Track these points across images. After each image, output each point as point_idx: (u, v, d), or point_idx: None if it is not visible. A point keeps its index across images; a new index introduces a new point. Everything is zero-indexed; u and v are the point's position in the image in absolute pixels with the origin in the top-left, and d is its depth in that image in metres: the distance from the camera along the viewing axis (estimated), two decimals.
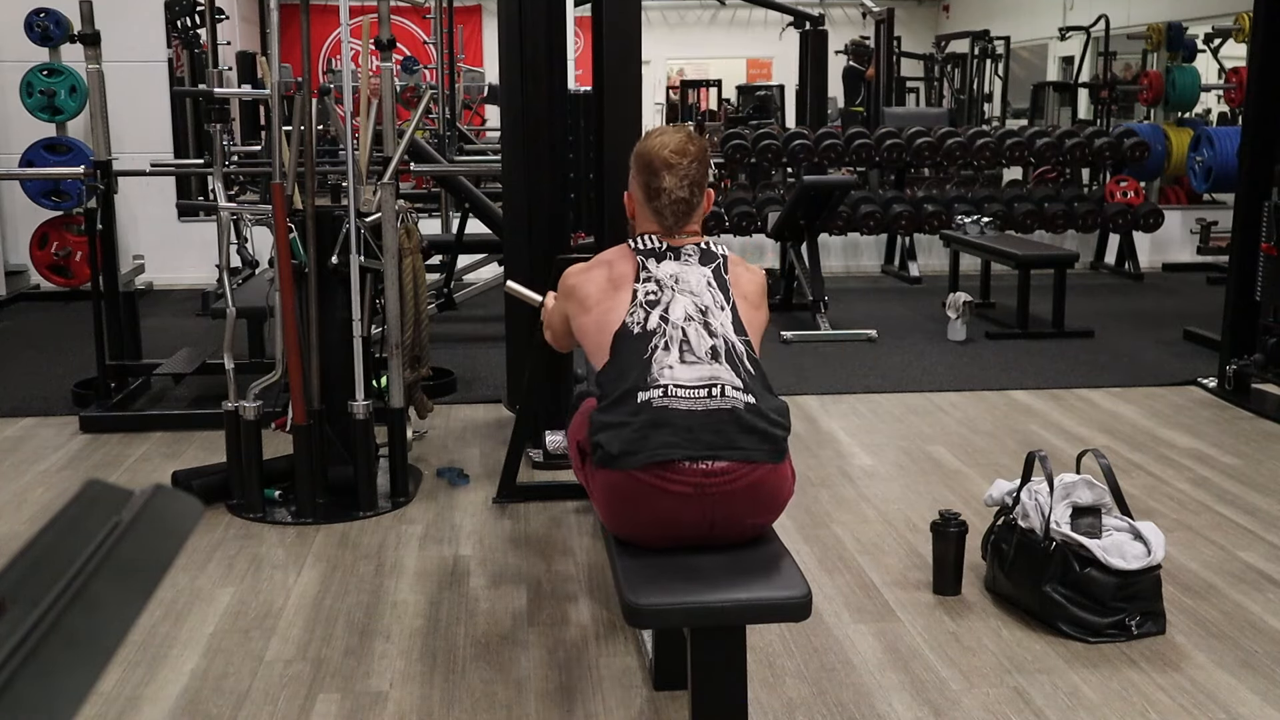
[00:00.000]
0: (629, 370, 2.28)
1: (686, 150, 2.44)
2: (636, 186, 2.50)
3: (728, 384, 2.26)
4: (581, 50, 10.79)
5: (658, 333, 2.30)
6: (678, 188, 2.42)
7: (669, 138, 2.47)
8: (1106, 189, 8.85)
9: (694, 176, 2.44)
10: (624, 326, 2.33)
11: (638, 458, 2.21)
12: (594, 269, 2.49)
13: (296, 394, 3.67)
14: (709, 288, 2.38)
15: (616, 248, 2.54)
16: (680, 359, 2.27)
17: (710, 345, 2.29)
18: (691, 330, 2.30)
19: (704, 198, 2.50)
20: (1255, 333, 5.15)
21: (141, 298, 6.27)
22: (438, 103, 8.14)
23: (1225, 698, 2.61)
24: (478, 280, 7.13)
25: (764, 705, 2.57)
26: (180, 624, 2.97)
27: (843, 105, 12.60)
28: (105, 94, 4.87)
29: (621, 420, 2.24)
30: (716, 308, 2.36)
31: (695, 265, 2.41)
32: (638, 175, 2.48)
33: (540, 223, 4.09)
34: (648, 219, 2.49)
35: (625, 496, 2.24)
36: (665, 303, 2.34)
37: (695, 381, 2.25)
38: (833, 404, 5.10)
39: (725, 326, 2.33)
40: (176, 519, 0.70)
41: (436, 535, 3.60)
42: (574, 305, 2.49)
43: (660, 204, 2.44)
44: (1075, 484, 2.99)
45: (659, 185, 2.42)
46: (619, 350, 2.32)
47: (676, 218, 2.45)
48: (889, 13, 10.60)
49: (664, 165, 2.42)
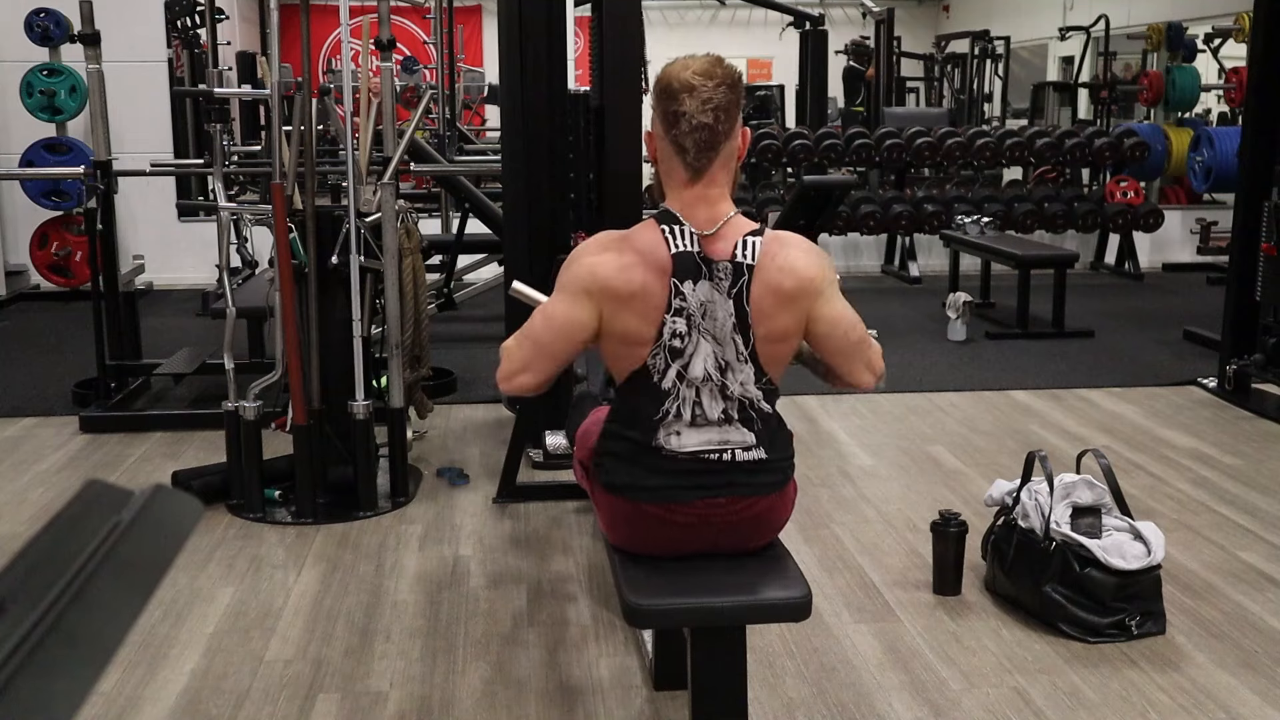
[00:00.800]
0: (638, 418, 2.17)
1: (713, 73, 2.09)
2: (657, 118, 2.17)
3: (737, 448, 2.16)
4: (581, 50, 10.78)
5: (672, 395, 2.14)
6: (700, 111, 2.07)
7: (693, 60, 2.13)
8: (1106, 189, 8.85)
9: (720, 101, 2.08)
10: (645, 368, 2.15)
11: (641, 494, 2.18)
12: (623, 255, 2.12)
13: (296, 394, 3.67)
14: (733, 335, 2.12)
15: (644, 233, 2.15)
16: (691, 421, 2.15)
17: (723, 409, 2.15)
18: (705, 393, 2.14)
19: (735, 131, 2.15)
20: (1255, 333, 5.15)
21: (141, 298, 6.27)
22: (438, 103, 8.14)
23: (1225, 698, 2.61)
24: (478, 280, 7.13)
25: (764, 705, 2.57)
26: (180, 624, 2.97)
27: (843, 105, 12.61)
28: (105, 94, 4.87)
29: (628, 456, 2.19)
30: (737, 361, 2.14)
31: (724, 292, 2.11)
32: (657, 104, 2.15)
33: (540, 223, 4.09)
34: (669, 156, 2.15)
35: (628, 521, 2.22)
36: (688, 355, 2.12)
37: (703, 447, 2.15)
38: (833, 404, 5.10)
39: (745, 385, 2.15)
40: (176, 519, 0.70)
41: (436, 535, 3.59)
42: (607, 302, 2.11)
43: (680, 132, 2.10)
44: (1075, 484, 2.99)
45: (678, 109, 2.09)
46: (635, 389, 2.17)
47: (699, 149, 2.10)
48: (889, 13, 10.59)
49: (684, 88, 2.08)
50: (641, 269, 2.10)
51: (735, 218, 2.17)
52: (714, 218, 2.15)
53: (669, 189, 2.20)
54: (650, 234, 2.14)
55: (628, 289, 2.10)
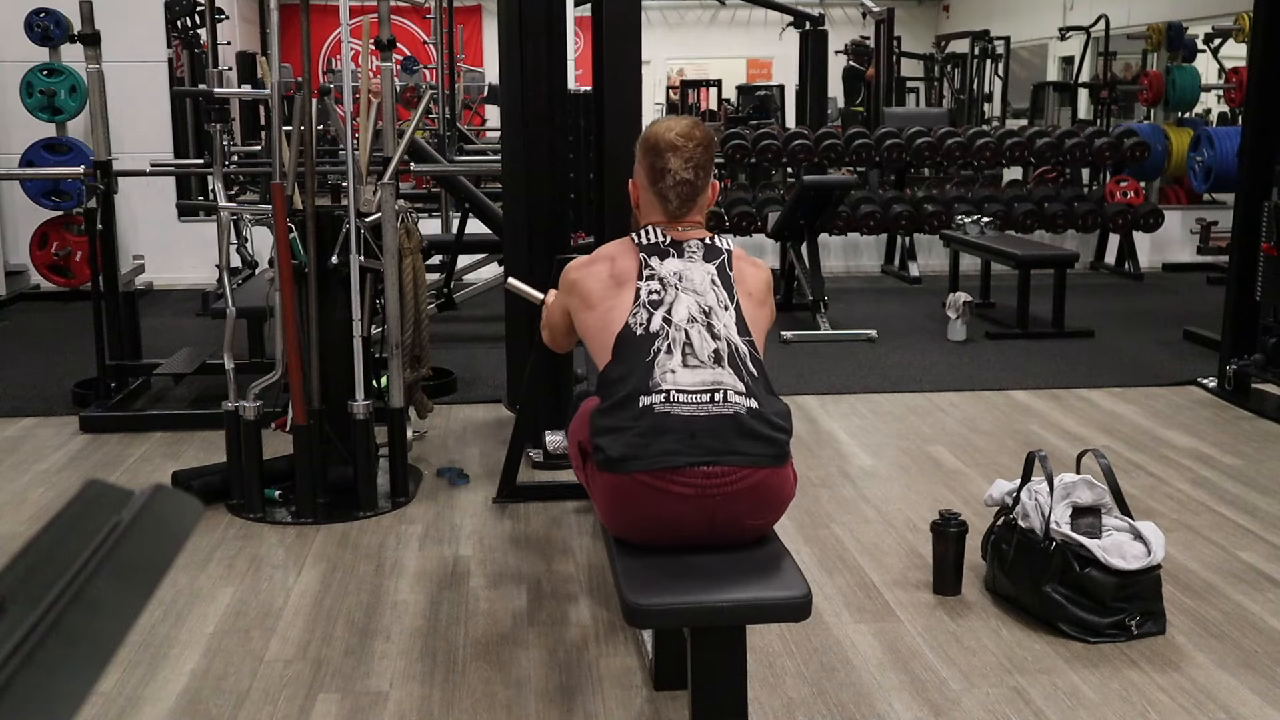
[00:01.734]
0: (631, 373, 2.26)
1: (693, 135, 2.43)
2: (641, 171, 2.48)
3: (730, 389, 2.24)
4: (581, 50, 10.78)
5: (660, 335, 2.28)
6: (683, 169, 2.40)
7: (675, 122, 2.47)
8: (1106, 189, 8.85)
9: (699, 160, 2.42)
10: (626, 328, 2.31)
11: (639, 462, 2.20)
12: (596, 264, 2.46)
13: (296, 394, 3.67)
14: (713, 286, 2.36)
15: (618, 241, 2.52)
16: (683, 362, 2.25)
17: (713, 349, 2.27)
18: (694, 332, 2.28)
19: (709, 186, 2.47)
20: (1255, 333, 5.15)
21: (141, 298, 6.27)
22: (438, 103, 8.14)
23: (1225, 698, 2.61)
24: (478, 280, 7.13)
25: (764, 705, 2.57)
26: (180, 624, 2.97)
27: (843, 105, 12.61)
28: (105, 94, 4.87)
29: (623, 424, 2.23)
30: (720, 308, 2.33)
31: (699, 262, 2.39)
32: (643, 159, 2.46)
33: (540, 223, 4.09)
34: (651, 205, 2.47)
35: (626, 498, 2.24)
36: (669, 303, 2.32)
37: (697, 386, 2.23)
38: (833, 404, 5.10)
39: (729, 328, 2.31)
40: (176, 519, 0.70)
41: (436, 535, 3.60)
42: (576, 301, 2.46)
43: (664, 185, 2.42)
44: (1075, 484, 2.99)
45: (664, 166, 2.41)
46: (621, 352, 2.31)
47: (681, 201, 2.43)
48: (889, 13, 10.60)
49: (669, 147, 2.41)
50: (608, 261, 2.45)
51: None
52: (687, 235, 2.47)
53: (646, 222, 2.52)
54: (622, 241, 2.50)
55: (594, 274, 2.44)
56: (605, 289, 2.40)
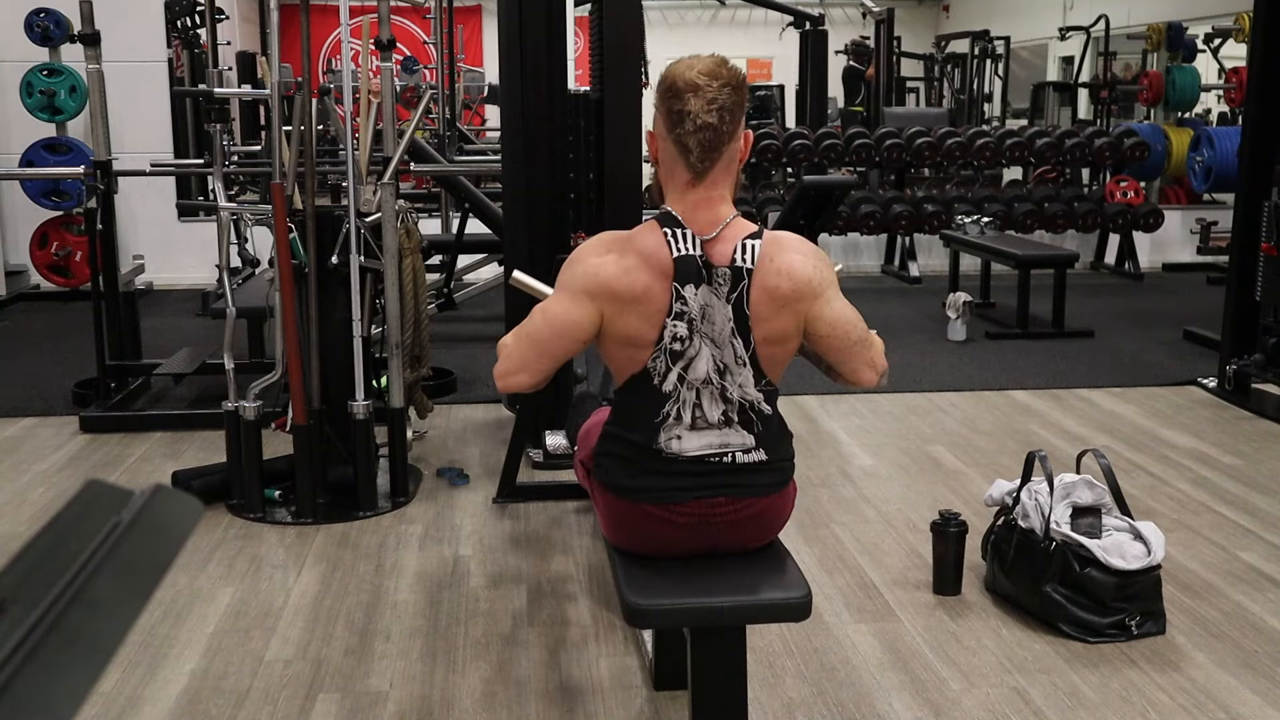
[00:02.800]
0: (639, 420, 2.17)
1: (718, 74, 2.08)
2: (659, 118, 2.15)
3: (738, 450, 2.16)
4: (581, 50, 10.78)
5: (672, 398, 2.14)
6: (704, 111, 2.06)
7: (698, 60, 2.11)
8: (1106, 189, 8.85)
9: (724, 102, 2.07)
10: (645, 372, 2.14)
11: (641, 495, 2.18)
12: (631, 272, 2.10)
13: (296, 394, 3.67)
14: (732, 338, 2.12)
15: (649, 234, 2.14)
16: (691, 425, 2.15)
17: (722, 411, 2.15)
18: (706, 395, 2.14)
19: (738, 134, 2.13)
20: (1255, 333, 5.15)
21: (141, 298, 6.27)
22: (438, 103, 8.14)
23: (1225, 698, 2.61)
24: (478, 280, 7.13)
25: (764, 705, 2.57)
26: (180, 624, 2.97)
27: (843, 105, 12.60)
28: (105, 94, 4.87)
29: (630, 457, 2.19)
30: (736, 364, 2.14)
31: (722, 300, 2.11)
32: (661, 103, 2.13)
33: (540, 223, 4.09)
34: (671, 157, 2.14)
35: (628, 521, 2.22)
36: (689, 358, 2.12)
37: (703, 450, 2.16)
38: (833, 404, 5.10)
39: (744, 388, 2.15)
40: (176, 519, 0.70)
41: (436, 535, 3.60)
42: (612, 306, 2.11)
43: (683, 131, 2.08)
44: (1075, 484, 2.99)
45: (683, 109, 2.07)
46: (636, 392, 2.17)
47: (703, 149, 2.09)
48: (889, 13, 10.60)
49: (690, 87, 2.07)
50: (645, 271, 2.10)
51: (736, 220, 2.16)
52: (715, 220, 2.14)
53: (670, 190, 2.18)
54: (652, 236, 2.12)
55: (630, 292, 2.09)
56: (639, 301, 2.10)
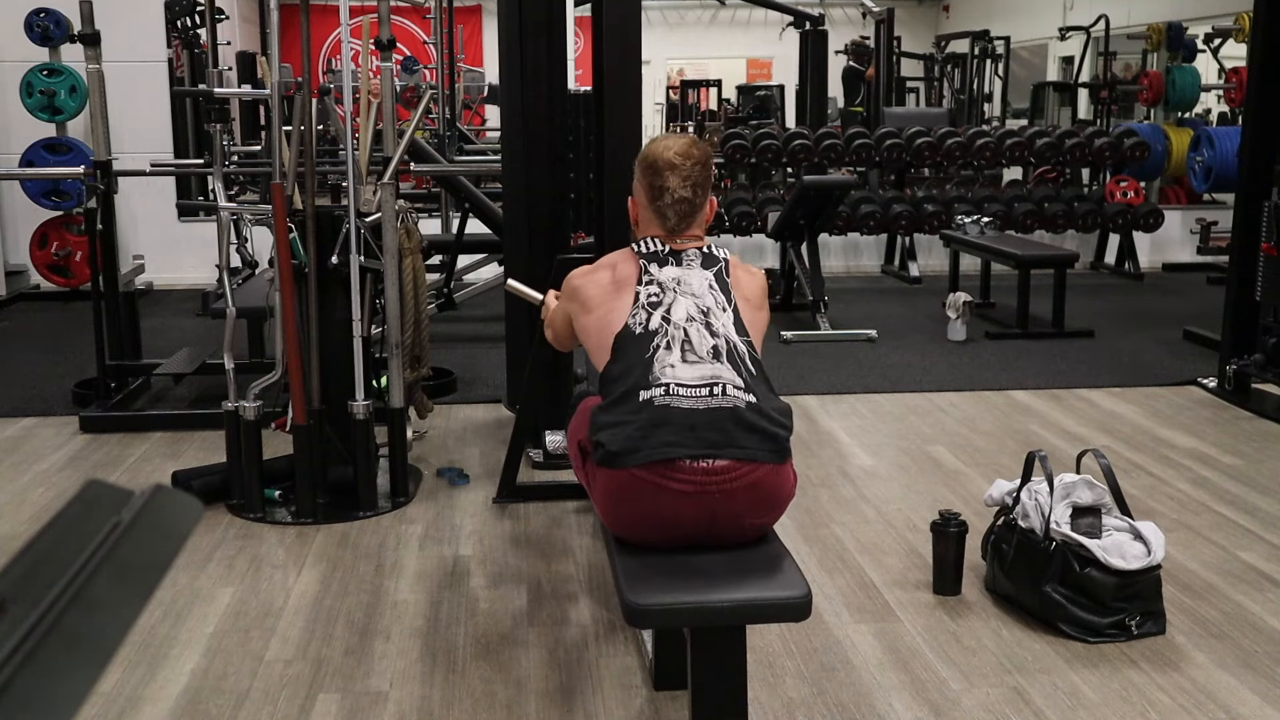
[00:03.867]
0: (631, 369, 2.29)
1: (690, 153, 2.48)
2: (640, 189, 2.53)
3: (729, 383, 2.27)
4: (581, 50, 10.78)
5: (659, 332, 2.32)
6: (681, 187, 2.45)
7: (673, 140, 2.53)
8: (1106, 189, 8.85)
9: (697, 178, 2.47)
10: (626, 328, 2.35)
11: (639, 455, 2.21)
12: (597, 271, 2.52)
13: (296, 394, 3.67)
14: (711, 290, 2.40)
15: (619, 251, 2.57)
16: (682, 358, 2.29)
17: (712, 345, 2.31)
18: (693, 330, 2.32)
19: (707, 202, 2.52)
20: (1255, 333, 5.15)
21: (141, 298, 6.26)
22: (438, 103, 8.14)
23: (1225, 698, 2.61)
24: (478, 280, 7.13)
25: (764, 705, 2.57)
26: (180, 624, 2.97)
27: (843, 105, 12.60)
28: (105, 94, 4.87)
29: (623, 419, 2.25)
30: (718, 309, 2.38)
31: (697, 268, 2.43)
32: (642, 177, 2.52)
33: (540, 223, 4.09)
34: (650, 222, 2.51)
35: (626, 495, 2.25)
36: (667, 304, 2.37)
37: (697, 380, 2.26)
38: (833, 404, 5.10)
39: (727, 327, 2.35)
40: (176, 519, 0.70)
41: (436, 535, 3.60)
42: (576, 306, 2.51)
43: (663, 203, 2.46)
44: (1075, 484, 2.99)
45: (662, 185, 2.46)
46: (621, 350, 2.34)
47: (680, 218, 2.47)
48: (889, 13, 10.59)
49: (668, 166, 2.46)
50: (607, 268, 2.51)
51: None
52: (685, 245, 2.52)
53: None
54: (623, 251, 2.56)
55: (594, 281, 2.49)
56: (605, 293, 2.45)
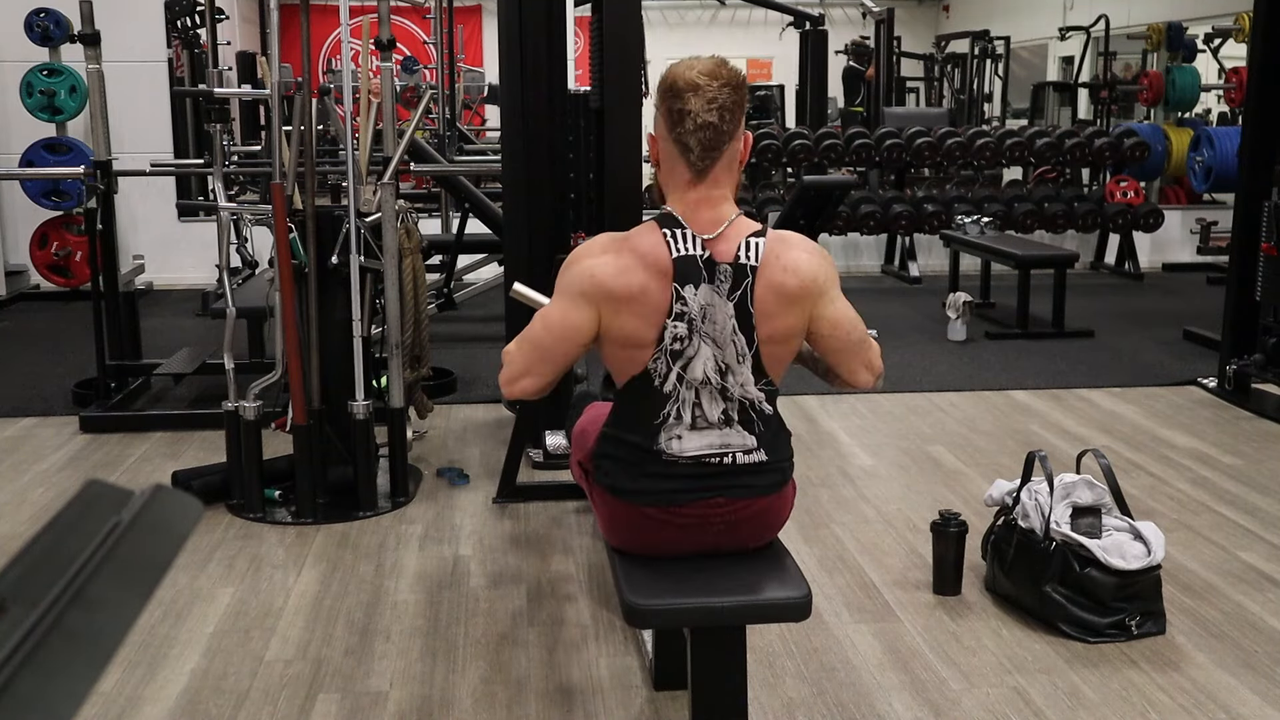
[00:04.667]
0: (640, 421, 2.17)
1: (718, 74, 2.10)
2: (660, 118, 2.16)
3: (738, 450, 2.16)
4: (581, 50, 10.78)
5: (672, 398, 2.14)
6: (705, 110, 2.08)
7: (698, 60, 2.14)
8: (1106, 189, 8.85)
9: (725, 102, 2.09)
10: (646, 373, 2.14)
11: (642, 498, 2.18)
12: (627, 272, 2.10)
13: (296, 394, 3.67)
14: (733, 336, 2.12)
15: (647, 235, 2.14)
16: (691, 424, 2.15)
17: (722, 410, 2.14)
18: (705, 395, 2.14)
19: (738, 134, 2.14)
20: (1255, 333, 5.15)
21: (141, 298, 6.27)
22: (438, 103, 8.14)
23: (1225, 698, 2.61)
24: (478, 280, 7.13)
25: (764, 705, 2.57)
26: (180, 624, 2.97)
27: (843, 105, 12.60)
28: (105, 94, 4.87)
29: (627, 460, 2.19)
30: (736, 361, 2.13)
31: (725, 295, 2.11)
32: (661, 103, 2.15)
33: (540, 223, 4.09)
34: (672, 157, 2.15)
35: (627, 523, 2.22)
36: (688, 358, 2.12)
37: (703, 451, 2.15)
38: (833, 404, 5.10)
39: (745, 385, 2.14)
40: (176, 519, 0.70)
41: (436, 535, 3.60)
42: (609, 307, 2.11)
43: (684, 130, 2.10)
44: (1075, 484, 2.99)
45: (683, 108, 2.09)
46: (636, 393, 2.17)
47: (704, 149, 2.10)
48: (889, 13, 10.59)
49: (690, 87, 2.09)
50: (641, 271, 2.10)
51: (738, 219, 2.16)
52: (717, 220, 2.14)
53: (671, 191, 2.19)
54: (651, 236, 2.12)
55: (626, 291, 2.09)
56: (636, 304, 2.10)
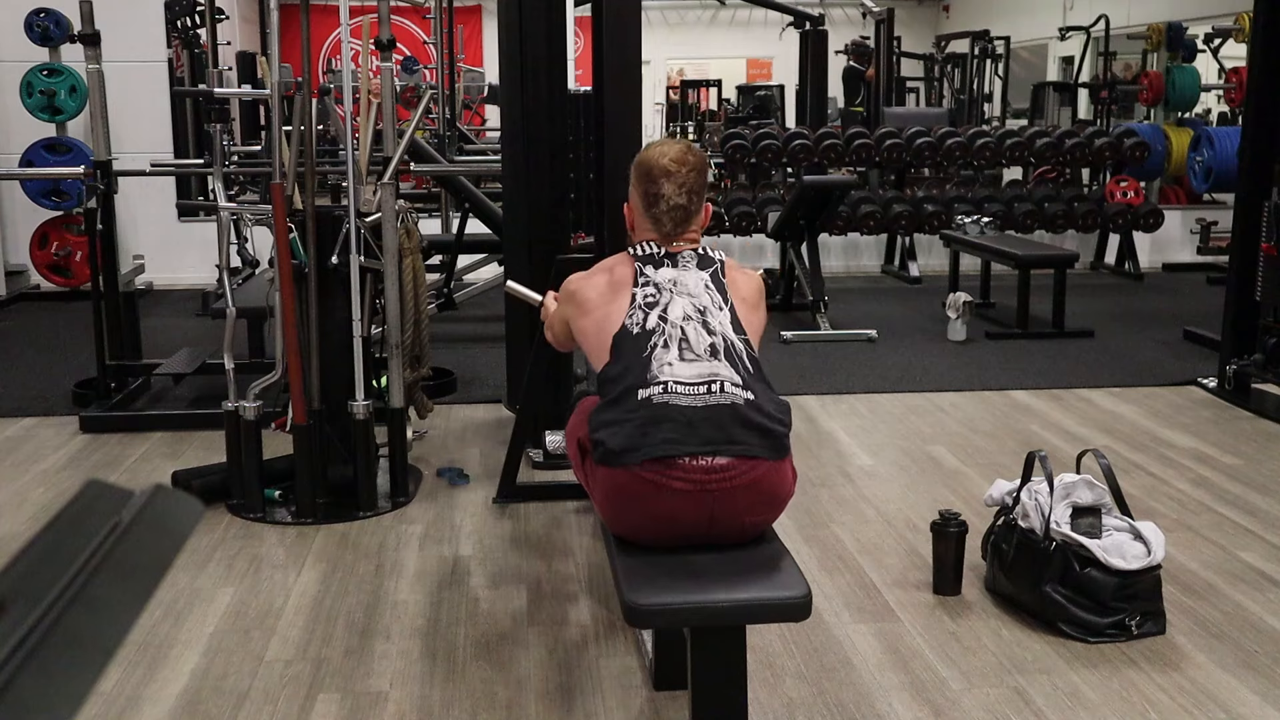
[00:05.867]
0: (629, 369, 2.31)
1: (685, 160, 2.49)
2: (636, 196, 2.54)
3: (727, 380, 2.29)
4: (581, 50, 10.78)
5: (657, 331, 2.34)
6: (676, 194, 2.47)
7: (668, 147, 2.54)
8: (1106, 189, 8.85)
9: (692, 185, 2.49)
10: (623, 328, 2.37)
11: (638, 454, 2.22)
12: (594, 275, 2.54)
13: (296, 394, 3.67)
14: (707, 290, 2.42)
15: (616, 255, 2.59)
16: (680, 356, 2.31)
17: (709, 343, 2.33)
18: (690, 329, 2.34)
19: (702, 208, 2.54)
20: (1255, 333, 5.15)
21: (141, 298, 6.27)
22: (438, 103, 8.14)
23: (1225, 698, 2.61)
24: (478, 280, 7.13)
25: (764, 705, 2.57)
26: (180, 624, 2.97)
27: (843, 105, 12.60)
28: (105, 94, 4.87)
29: (621, 417, 2.26)
30: (715, 308, 2.39)
31: (693, 270, 2.45)
32: (637, 184, 2.53)
33: (540, 223, 4.09)
34: (646, 228, 2.53)
35: (626, 494, 2.25)
36: (664, 304, 2.39)
37: (694, 378, 2.28)
38: (833, 404, 5.10)
39: (724, 326, 2.37)
40: (176, 519, 0.70)
41: (436, 535, 3.60)
42: (574, 309, 2.53)
43: (659, 210, 2.48)
44: (1075, 484, 2.99)
45: (657, 192, 2.47)
46: (618, 350, 2.36)
47: (675, 224, 2.49)
48: (889, 13, 10.59)
49: (663, 173, 2.47)
50: (607, 272, 2.51)
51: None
52: None
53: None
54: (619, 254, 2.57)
55: (594, 287, 2.49)
56: (602, 296, 2.47)
